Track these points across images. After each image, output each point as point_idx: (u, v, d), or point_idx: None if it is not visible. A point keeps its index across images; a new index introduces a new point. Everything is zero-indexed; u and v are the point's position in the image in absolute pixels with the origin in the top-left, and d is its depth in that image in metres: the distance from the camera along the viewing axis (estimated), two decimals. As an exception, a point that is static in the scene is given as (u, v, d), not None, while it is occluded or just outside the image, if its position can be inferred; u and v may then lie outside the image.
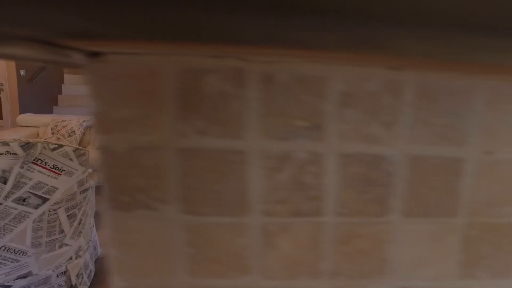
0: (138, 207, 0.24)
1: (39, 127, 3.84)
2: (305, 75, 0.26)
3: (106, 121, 0.23)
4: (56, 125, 3.66)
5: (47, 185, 1.36)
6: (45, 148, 1.33)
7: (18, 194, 1.30)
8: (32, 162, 1.31)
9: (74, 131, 3.62)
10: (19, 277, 1.38)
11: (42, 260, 1.41)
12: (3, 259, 1.33)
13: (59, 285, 1.49)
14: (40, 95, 5.22)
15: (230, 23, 0.14)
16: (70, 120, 3.72)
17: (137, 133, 0.24)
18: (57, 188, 1.39)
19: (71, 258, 1.53)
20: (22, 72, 4.73)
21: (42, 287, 1.44)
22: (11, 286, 1.36)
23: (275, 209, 0.28)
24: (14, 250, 1.34)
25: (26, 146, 1.29)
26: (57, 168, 1.37)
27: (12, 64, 4.54)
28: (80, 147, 1.44)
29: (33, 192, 1.33)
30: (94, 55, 0.21)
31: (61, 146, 1.38)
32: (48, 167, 1.35)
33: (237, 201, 0.27)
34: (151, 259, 0.25)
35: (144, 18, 0.13)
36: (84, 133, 3.72)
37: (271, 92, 0.26)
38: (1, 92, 4.56)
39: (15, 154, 1.27)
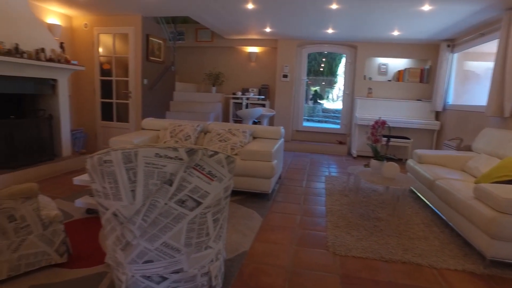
0: None
1: (159, 130, 4.30)
2: None
3: None
4: (174, 129, 4.04)
5: (202, 189, 1.45)
6: (204, 154, 1.42)
7: (179, 196, 1.42)
8: (193, 167, 1.41)
9: (189, 135, 3.94)
10: (174, 272, 1.50)
11: (192, 259, 1.51)
12: (164, 254, 1.46)
13: (202, 284, 1.58)
14: (156, 101, 5.89)
15: None
16: (186, 125, 4.07)
17: None
18: (209, 193, 1.47)
19: (212, 260, 1.60)
20: (145, 81, 5.39)
21: (190, 284, 1.54)
22: (168, 278, 1.49)
23: None
24: (172, 247, 1.46)
25: (190, 152, 1.40)
26: (211, 174, 1.46)
27: (139, 74, 5.21)
28: (230, 155, 1.51)
29: (190, 195, 1.43)
30: None
31: (216, 153, 1.46)
32: (204, 173, 1.44)
33: None
34: None
35: None
36: (197, 137, 4.04)
37: None
38: (129, 98, 5.28)
39: (181, 159, 1.39)
